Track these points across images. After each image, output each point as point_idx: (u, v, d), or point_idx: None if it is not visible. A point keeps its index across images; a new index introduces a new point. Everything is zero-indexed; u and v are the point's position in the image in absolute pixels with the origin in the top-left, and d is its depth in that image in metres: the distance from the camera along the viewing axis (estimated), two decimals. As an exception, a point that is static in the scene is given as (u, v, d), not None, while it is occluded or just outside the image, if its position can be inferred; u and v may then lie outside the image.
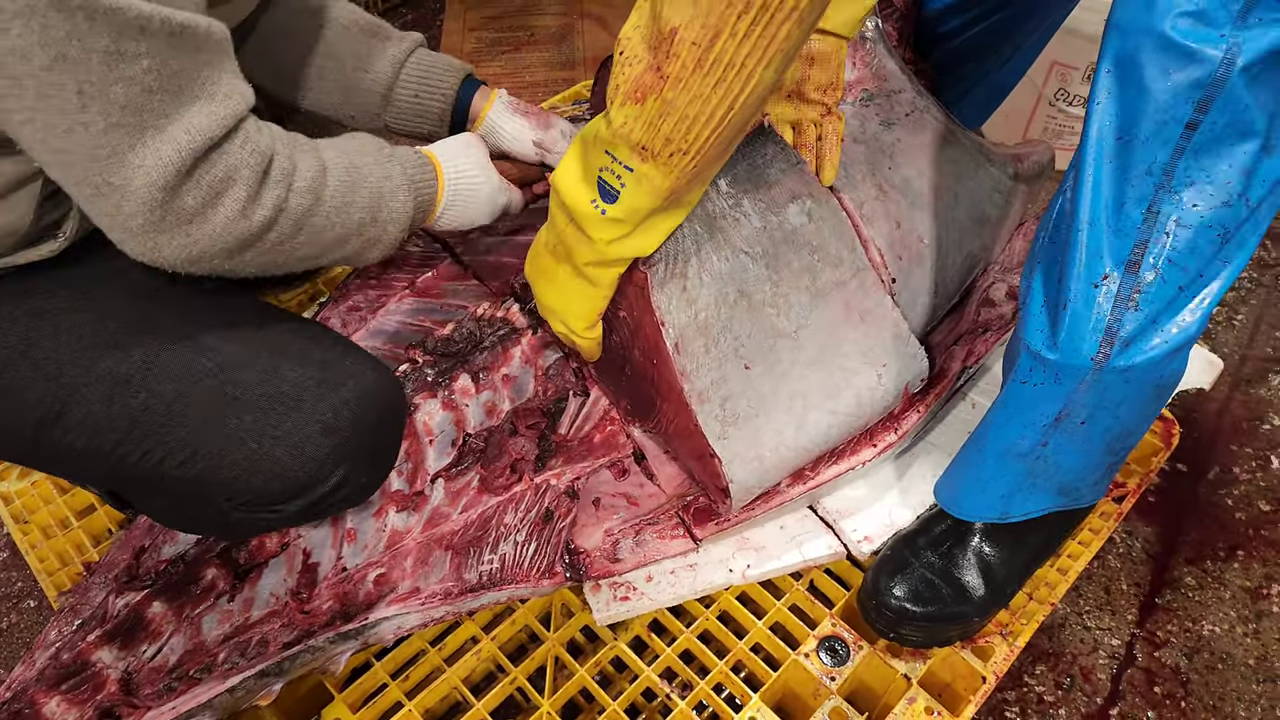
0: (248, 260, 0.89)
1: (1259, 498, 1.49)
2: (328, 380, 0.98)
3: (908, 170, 1.17)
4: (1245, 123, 0.78)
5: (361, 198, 0.96)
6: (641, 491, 1.15)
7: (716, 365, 1.01)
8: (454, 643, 1.13)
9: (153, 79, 0.74)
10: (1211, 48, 0.76)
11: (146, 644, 1.02)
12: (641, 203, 0.84)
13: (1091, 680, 1.29)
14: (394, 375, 1.06)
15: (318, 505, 1.00)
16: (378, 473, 1.07)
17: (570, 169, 0.87)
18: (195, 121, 0.78)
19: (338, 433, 0.97)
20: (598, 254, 0.90)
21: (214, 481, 0.95)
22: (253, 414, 0.94)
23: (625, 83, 0.77)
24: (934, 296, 1.18)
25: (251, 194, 0.84)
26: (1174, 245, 0.82)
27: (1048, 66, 1.90)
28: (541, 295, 1.03)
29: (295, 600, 1.04)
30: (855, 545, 1.14)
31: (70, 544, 1.24)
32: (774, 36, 0.71)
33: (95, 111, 0.73)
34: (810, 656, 1.07)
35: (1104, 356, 0.86)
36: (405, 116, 1.23)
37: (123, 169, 0.76)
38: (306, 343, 1.02)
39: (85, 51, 0.70)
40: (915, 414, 1.14)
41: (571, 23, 2.56)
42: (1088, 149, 0.83)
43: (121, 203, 0.77)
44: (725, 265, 1.01)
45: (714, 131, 0.78)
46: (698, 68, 0.73)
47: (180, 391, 0.94)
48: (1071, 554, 1.18)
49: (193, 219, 0.81)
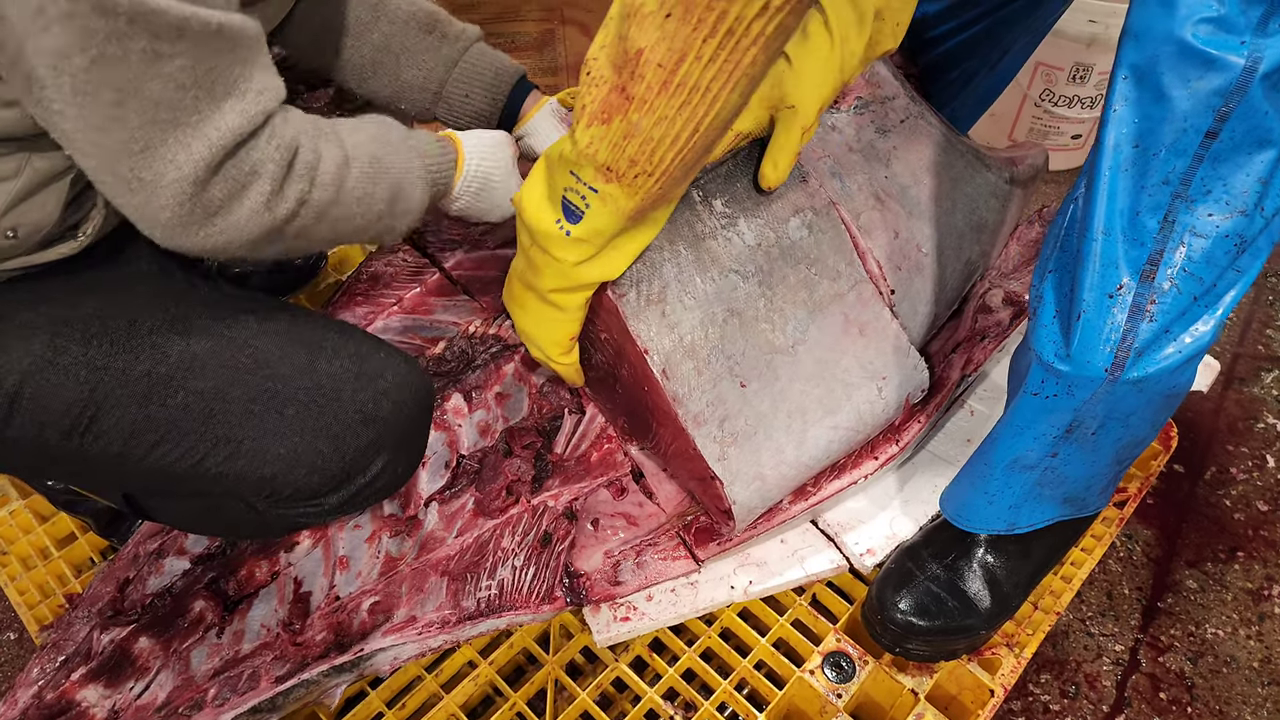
0: (268, 247, 0.89)
1: (1257, 498, 1.49)
2: (365, 373, 0.99)
3: (904, 178, 1.15)
4: (1263, 131, 0.76)
5: (382, 189, 0.96)
6: (641, 511, 1.13)
7: (711, 386, 1.00)
8: (450, 668, 1.10)
9: (187, 77, 0.75)
10: (1233, 55, 0.74)
11: (133, 681, 0.99)
12: (605, 223, 0.84)
13: (1097, 688, 1.28)
14: (422, 369, 1.07)
15: (357, 497, 1.01)
16: (412, 461, 1.08)
17: (535, 189, 0.87)
18: (227, 119, 0.79)
19: (377, 422, 0.98)
20: (564, 277, 0.90)
21: (255, 478, 0.95)
22: (294, 407, 0.95)
23: (591, 103, 0.77)
24: (934, 305, 1.16)
25: (275, 188, 0.84)
26: (1189, 255, 0.81)
27: (1032, 67, 1.90)
28: (518, 322, 1.03)
29: (287, 631, 1.01)
30: (858, 559, 1.13)
31: (51, 575, 1.21)
32: (739, 62, 0.71)
33: (131, 109, 0.74)
34: (815, 673, 1.06)
35: (1118, 367, 0.85)
36: (456, 114, 1.24)
37: (155, 164, 0.76)
38: (338, 337, 1.02)
39: (124, 51, 0.71)
40: (916, 425, 1.13)
41: (552, 29, 2.54)
42: (1103, 157, 0.82)
43: (151, 197, 0.78)
44: (711, 286, 1.00)
45: (678, 153, 0.77)
46: (663, 90, 0.73)
47: (219, 389, 0.93)
48: (1075, 561, 1.17)
49: (218, 212, 0.81)
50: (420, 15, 1.20)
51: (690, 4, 0.68)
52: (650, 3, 0.70)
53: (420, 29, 1.20)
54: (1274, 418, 1.60)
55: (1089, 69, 1.85)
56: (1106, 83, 1.91)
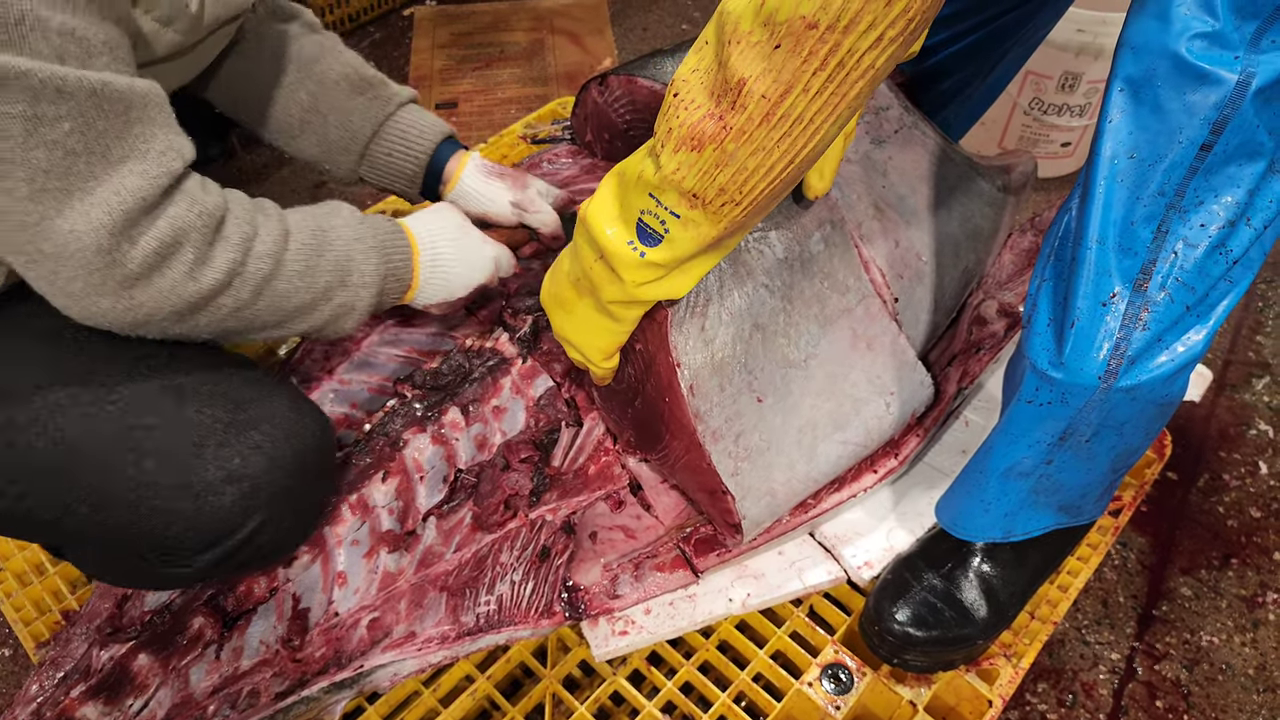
0: (200, 325, 0.86)
1: (1250, 505, 1.50)
2: (236, 423, 0.92)
3: (901, 188, 1.16)
4: (1254, 144, 0.77)
5: (328, 261, 0.94)
6: (639, 523, 1.13)
7: (731, 401, 1.00)
8: (448, 682, 1.10)
9: (76, 141, 0.73)
10: (1227, 70, 0.75)
11: (133, 698, 0.98)
12: (685, 249, 0.81)
13: (1094, 696, 1.28)
14: (320, 414, 1.00)
15: (233, 558, 0.94)
16: (303, 520, 1.03)
17: (605, 207, 0.84)
18: (126, 182, 0.76)
19: (244, 479, 0.91)
20: (627, 294, 0.87)
21: (130, 532, 0.90)
22: (153, 459, 0.88)
23: (680, 128, 0.74)
24: (934, 314, 1.17)
25: (200, 255, 0.82)
26: (1182, 265, 0.81)
27: (1022, 76, 1.91)
28: (559, 326, 0.99)
29: (286, 648, 1.01)
30: (855, 571, 1.13)
31: (47, 591, 1.20)
32: (845, 95, 0.70)
33: (18, 178, 0.71)
34: (814, 685, 1.06)
35: (1111, 375, 0.85)
36: (379, 172, 1.23)
37: (53, 235, 0.74)
38: (220, 380, 0.95)
39: (2, 117, 0.69)
40: (915, 438, 1.13)
41: (541, 38, 2.54)
42: (1099, 168, 0.82)
43: (58, 268, 0.75)
44: (744, 301, 0.99)
45: (770, 184, 0.76)
46: (764, 121, 0.71)
47: (77, 437, 0.88)
48: (1071, 570, 1.17)
49: (136, 281, 0.79)
50: (353, 77, 1.19)
51: (801, 36, 0.67)
52: (757, 32, 0.68)
53: (351, 90, 1.19)
54: (1265, 424, 1.61)
55: (1078, 77, 1.87)
56: (1095, 91, 1.92)
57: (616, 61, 2.43)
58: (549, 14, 2.64)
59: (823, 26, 0.66)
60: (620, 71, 1.29)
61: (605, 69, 2.14)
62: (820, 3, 0.65)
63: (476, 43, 2.54)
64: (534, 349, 1.21)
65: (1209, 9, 0.75)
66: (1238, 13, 0.75)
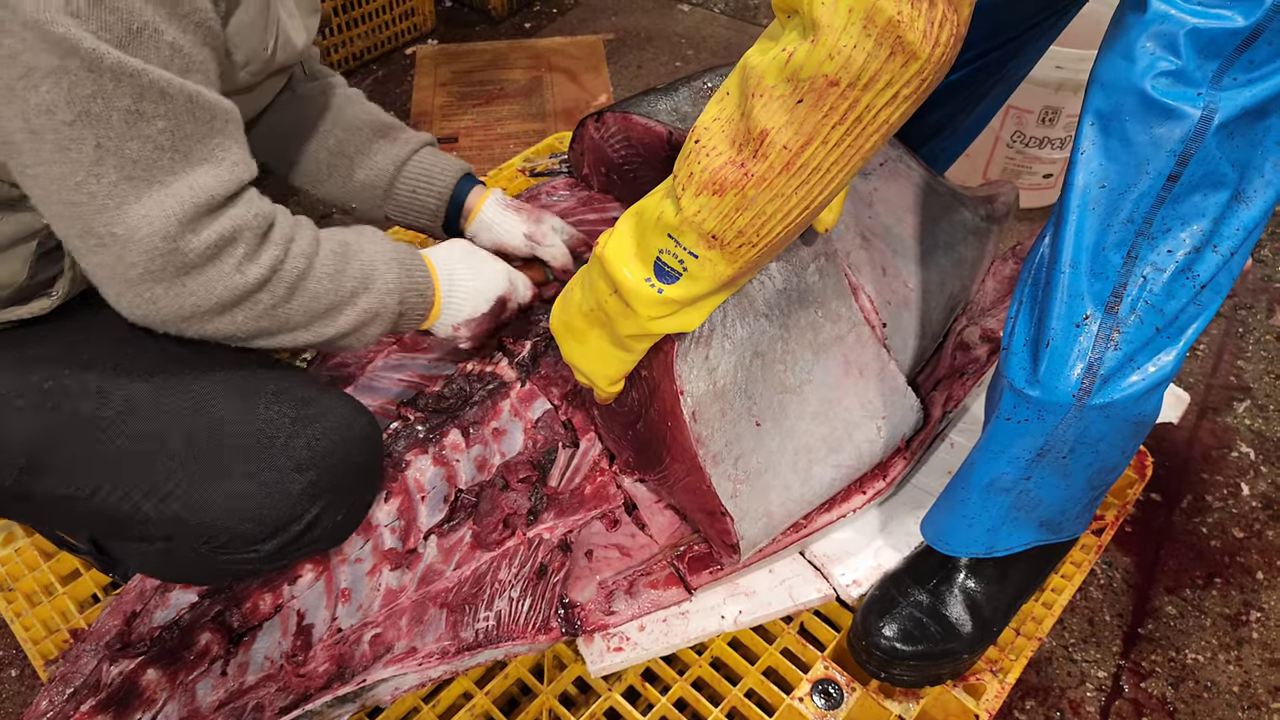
0: (239, 322, 0.91)
1: (1232, 525, 1.53)
2: (302, 417, 0.99)
3: (887, 218, 1.20)
4: (1218, 175, 0.81)
5: (354, 267, 0.99)
6: (634, 542, 1.15)
7: (731, 426, 1.03)
8: (447, 698, 1.12)
9: (166, 139, 0.80)
10: (1190, 106, 0.79)
11: (141, 712, 1.00)
12: (701, 287, 0.85)
13: (1081, 713, 1.30)
14: (370, 414, 1.07)
15: (293, 545, 1.01)
16: (355, 509, 1.08)
17: (623, 244, 0.87)
18: (199, 180, 0.83)
19: (311, 469, 0.98)
20: (641, 328, 0.90)
21: (194, 523, 0.96)
22: (228, 453, 0.96)
23: (701, 173, 0.78)
24: (921, 339, 1.21)
25: (250, 252, 0.88)
26: (1151, 289, 0.86)
27: (1004, 110, 1.96)
28: (569, 353, 1.02)
29: (291, 663, 1.03)
30: (844, 589, 1.15)
31: (55, 611, 1.22)
32: (861, 147, 0.75)
33: (110, 165, 0.78)
34: (804, 700, 1.08)
35: (1084, 393, 0.89)
36: (403, 209, 1.30)
37: (127, 219, 0.80)
38: (282, 381, 1.03)
39: (108, 109, 0.76)
40: (903, 460, 1.16)
41: (539, 76, 2.60)
42: (1071, 197, 0.87)
43: (124, 252, 0.81)
44: (746, 330, 1.03)
45: (785, 228, 0.80)
46: (785, 170, 0.75)
47: (157, 433, 0.95)
48: (1055, 588, 1.20)
49: (190, 270, 0.85)
50: (374, 122, 1.28)
51: (823, 92, 0.71)
52: (781, 86, 0.72)
53: (374, 133, 1.27)
54: (1247, 446, 1.64)
55: (1057, 112, 1.92)
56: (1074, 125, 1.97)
57: (612, 98, 2.48)
58: (547, 52, 2.71)
59: (844, 84, 0.70)
60: (616, 108, 1.33)
61: (601, 105, 2.20)
62: (842, 62, 0.69)
63: (477, 80, 2.60)
64: (533, 373, 1.25)
65: (1172, 49, 0.80)
66: (1200, 53, 0.79)
